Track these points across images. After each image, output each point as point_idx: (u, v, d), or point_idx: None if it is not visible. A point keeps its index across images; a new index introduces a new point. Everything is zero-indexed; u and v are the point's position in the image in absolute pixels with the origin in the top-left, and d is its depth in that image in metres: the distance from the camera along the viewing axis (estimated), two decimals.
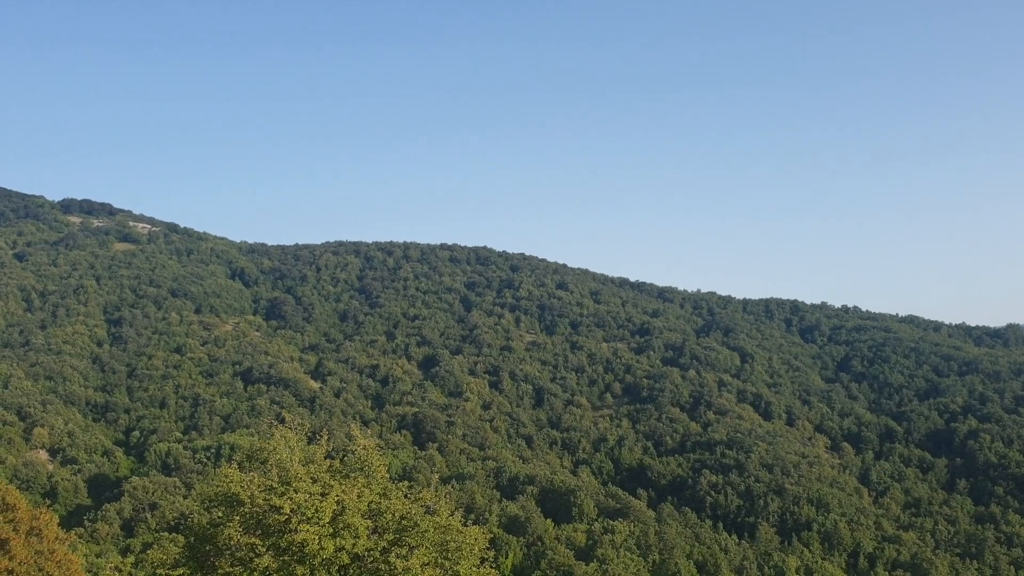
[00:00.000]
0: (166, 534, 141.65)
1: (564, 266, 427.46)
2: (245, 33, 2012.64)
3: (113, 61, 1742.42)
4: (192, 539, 37.28)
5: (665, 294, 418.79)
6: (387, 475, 39.12)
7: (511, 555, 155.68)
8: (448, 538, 36.26)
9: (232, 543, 34.79)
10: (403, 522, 35.68)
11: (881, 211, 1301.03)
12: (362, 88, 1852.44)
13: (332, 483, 35.84)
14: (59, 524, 61.13)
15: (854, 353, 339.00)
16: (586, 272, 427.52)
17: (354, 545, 34.31)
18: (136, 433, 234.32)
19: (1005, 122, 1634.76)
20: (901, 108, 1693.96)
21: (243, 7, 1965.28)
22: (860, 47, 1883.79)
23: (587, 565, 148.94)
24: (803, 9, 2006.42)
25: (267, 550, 34.25)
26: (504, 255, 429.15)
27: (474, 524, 38.73)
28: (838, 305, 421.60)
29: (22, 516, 55.98)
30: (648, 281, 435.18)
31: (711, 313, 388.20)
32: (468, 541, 36.63)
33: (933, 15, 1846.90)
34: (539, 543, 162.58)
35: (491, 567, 38.17)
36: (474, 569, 36.68)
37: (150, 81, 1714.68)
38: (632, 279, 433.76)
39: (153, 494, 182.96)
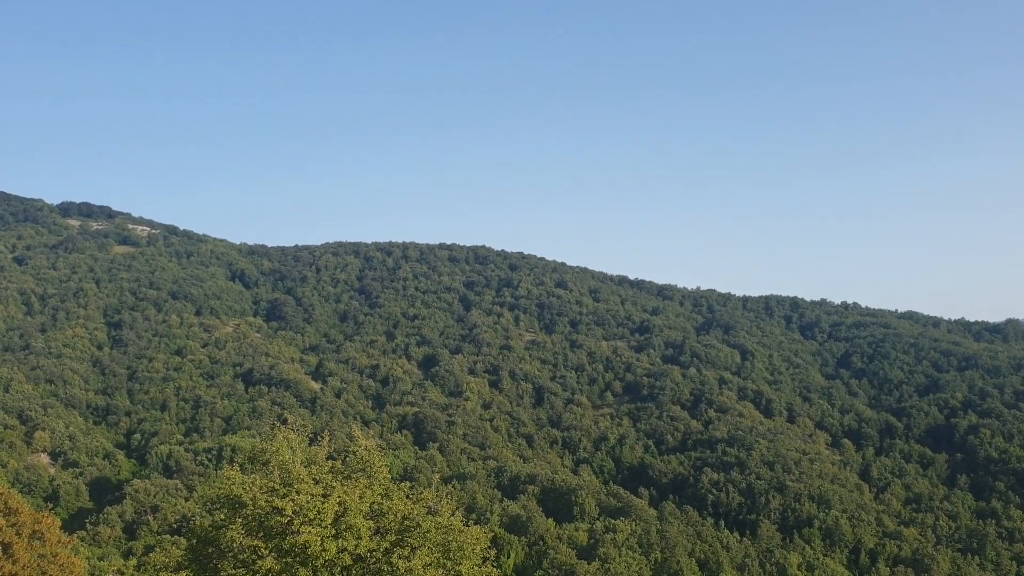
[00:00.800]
0: (168, 536, 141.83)
1: (563, 264, 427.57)
2: (244, 33, 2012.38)
3: (112, 62, 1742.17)
4: (194, 541, 37.33)
5: (664, 292, 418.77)
6: (389, 476, 39.18)
7: (513, 555, 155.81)
8: (450, 538, 36.33)
9: (235, 545, 34.85)
10: (405, 523, 35.76)
11: (880, 208, 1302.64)
12: (360, 88, 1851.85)
13: (334, 484, 35.91)
14: (61, 527, 61.24)
15: (854, 350, 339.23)
16: (585, 270, 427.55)
17: (356, 546, 34.38)
18: (137, 436, 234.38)
19: (1004, 119, 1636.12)
20: (900, 106, 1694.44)
21: (240, 6, 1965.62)
22: (858, 46, 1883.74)
23: (589, 564, 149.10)
24: (804, 8, 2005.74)
25: (269, 552, 34.31)
26: (503, 254, 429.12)
27: (475, 524, 38.82)
28: (838, 302, 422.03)
29: (24, 520, 56.09)
30: (647, 279, 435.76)
31: (711, 311, 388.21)
32: (470, 541, 36.71)
33: (933, 13, 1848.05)
34: (541, 542, 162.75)
35: (493, 567, 38.25)
36: (476, 569, 36.77)
37: (148, 82, 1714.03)
38: (631, 277, 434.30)
39: (155, 497, 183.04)
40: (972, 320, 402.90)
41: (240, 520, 35.04)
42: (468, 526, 37.82)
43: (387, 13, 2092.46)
